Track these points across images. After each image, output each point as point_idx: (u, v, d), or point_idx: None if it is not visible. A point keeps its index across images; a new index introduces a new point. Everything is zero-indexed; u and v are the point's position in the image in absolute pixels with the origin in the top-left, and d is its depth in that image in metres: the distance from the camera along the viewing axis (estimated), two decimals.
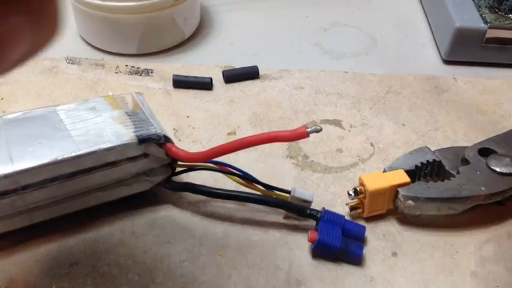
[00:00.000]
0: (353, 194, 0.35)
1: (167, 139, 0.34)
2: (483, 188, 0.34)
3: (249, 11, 0.60)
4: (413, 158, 0.37)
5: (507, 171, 0.35)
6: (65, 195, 0.32)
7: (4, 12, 0.15)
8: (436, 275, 0.33)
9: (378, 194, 0.34)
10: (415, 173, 0.36)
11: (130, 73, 0.48)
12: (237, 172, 0.35)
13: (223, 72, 0.48)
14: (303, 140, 0.42)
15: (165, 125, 0.39)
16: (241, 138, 0.31)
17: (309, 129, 0.29)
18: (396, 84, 0.49)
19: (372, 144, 0.42)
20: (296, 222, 0.36)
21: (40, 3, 0.17)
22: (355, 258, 0.33)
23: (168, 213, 0.36)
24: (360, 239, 0.34)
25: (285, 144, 0.42)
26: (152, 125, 0.34)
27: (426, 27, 0.58)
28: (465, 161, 0.36)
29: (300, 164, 0.40)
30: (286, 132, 0.30)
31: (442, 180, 0.35)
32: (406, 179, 0.34)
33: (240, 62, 0.50)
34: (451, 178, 0.35)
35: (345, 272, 0.33)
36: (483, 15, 0.50)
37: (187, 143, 0.41)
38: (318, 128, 0.29)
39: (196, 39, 0.55)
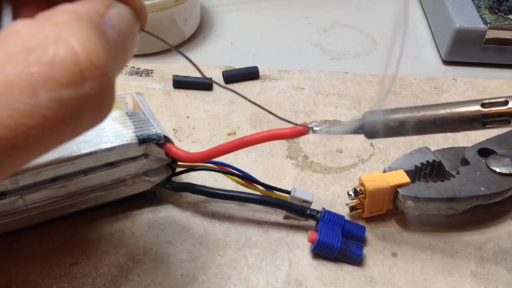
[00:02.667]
0: (353, 194, 0.35)
1: (167, 139, 0.34)
2: (483, 189, 0.34)
3: (249, 11, 0.60)
4: (413, 159, 0.37)
5: (507, 172, 0.35)
6: (65, 195, 0.32)
7: None
8: (436, 275, 0.33)
9: (377, 194, 0.34)
10: (415, 174, 0.36)
11: (131, 73, 0.49)
12: (237, 172, 0.35)
13: (223, 73, 0.48)
14: (303, 140, 0.42)
15: (165, 126, 0.39)
16: (241, 138, 0.31)
17: (309, 125, 0.29)
18: (396, 84, 0.49)
19: (371, 145, 0.42)
20: (296, 223, 0.36)
21: None
22: (355, 259, 0.33)
23: (168, 213, 0.36)
24: (360, 239, 0.34)
25: (285, 145, 0.42)
26: (152, 126, 0.34)
27: (426, 28, 0.58)
28: (465, 162, 0.36)
29: (300, 164, 0.40)
30: (286, 129, 0.30)
31: (442, 181, 0.35)
32: (406, 179, 0.34)
33: (240, 63, 0.50)
34: (450, 178, 0.35)
35: (344, 272, 0.33)
36: (483, 16, 0.50)
37: (187, 144, 0.41)
38: (318, 124, 0.29)
39: (196, 39, 0.55)
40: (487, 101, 0.26)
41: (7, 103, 0.14)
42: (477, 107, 0.26)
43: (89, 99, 0.16)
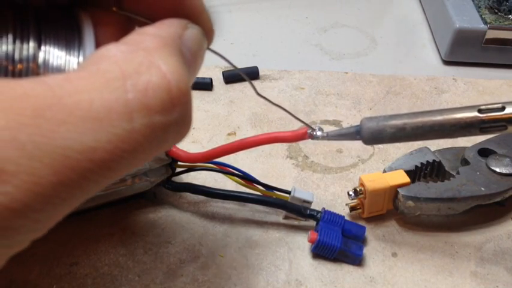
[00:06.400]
0: (353, 194, 0.35)
1: None
2: (483, 189, 0.34)
3: (249, 11, 0.60)
4: (413, 158, 0.37)
5: (507, 172, 0.35)
6: None
7: None
8: (436, 275, 0.33)
9: (377, 194, 0.34)
10: (415, 173, 0.36)
11: None
12: (237, 172, 0.35)
13: (223, 73, 0.48)
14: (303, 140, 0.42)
15: None
16: (241, 139, 0.31)
17: (309, 131, 0.29)
18: (396, 84, 0.49)
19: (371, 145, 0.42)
20: (296, 223, 0.36)
21: None
22: (355, 259, 0.33)
23: (168, 213, 0.36)
24: (360, 240, 0.34)
25: (285, 145, 0.42)
26: None
27: (426, 28, 0.58)
28: (465, 162, 0.36)
29: (300, 164, 0.40)
30: (287, 133, 0.30)
31: (442, 181, 0.35)
32: (406, 179, 0.34)
33: (240, 63, 0.50)
34: (450, 178, 0.35)
35: (345, 272, 0.33)
36: (483, 16, 0.50)
37: (187, 144, 0.41)
38: (319, 132, 0.29)
39: None
40: (483, 107, 0.26)
41: (106, 128, 0.15)
42: (474, 113, 0.26)
43: (175, 124, 0.16)
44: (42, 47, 0.18)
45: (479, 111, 0.26)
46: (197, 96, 0.46)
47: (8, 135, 0.13)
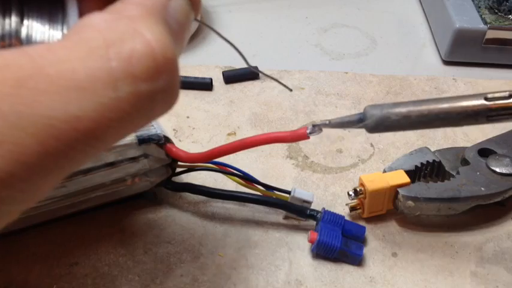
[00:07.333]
0: (353, 195, 0.34)
1: (167, 140, 0.34)
2: (483, 189, 0.34)
3: (249, 11, 0.60)
4: (413, 159, 0.37)
5: (507, 172, 0.35)
6: (65, 195, 0.32)
7: None
8: (436, 275, 0.33)
9: (377, 194, 0.34)
10: (415, 174, 0.36)
11: None
12: (237, 172, 0.35)
13: (224, 73, 0.48)
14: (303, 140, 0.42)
15: (165, 126, 0.39)
16: (241, 139, 0.31)
17: (309, 131, 0.29)
18: (396, 85, 0.49)
19: (371, 145, 0.42)
20: (296, 223, 0.36)
21: None
22: (355, 259, 0.33)
23: (168, 213, 0.36)
24: (360, 240, 0.34)
25: (285, 145, 0.42)
26: (152, 126, 0.34)
27: (426, 28, 0.58)
28: (465, 162, 0.36)
29: (300, 164, 0.40)
30: (286, 133, 0.30)
31: (442, 181, 0.35)
32: (406, 179, 0.34)
33: (240, 63, 0.50)
34: (450, 178, 0.35)
35: (345, 272, 0.33)
36: (483, 16, 0.50)
37: (187, 144, 0.41)
38: (318, 130, 0.29)
39: (196, 39, 0.55)
40: (490, 95, 0.26)
41: (91, 97, 0.15)
42: (481, 101, 0.25)
43: (162, 92, 0.16)
44: (25, 22, 0.17)
45: (486, 99, 0.25)
46: (197, 96, 0.46)
47: None
